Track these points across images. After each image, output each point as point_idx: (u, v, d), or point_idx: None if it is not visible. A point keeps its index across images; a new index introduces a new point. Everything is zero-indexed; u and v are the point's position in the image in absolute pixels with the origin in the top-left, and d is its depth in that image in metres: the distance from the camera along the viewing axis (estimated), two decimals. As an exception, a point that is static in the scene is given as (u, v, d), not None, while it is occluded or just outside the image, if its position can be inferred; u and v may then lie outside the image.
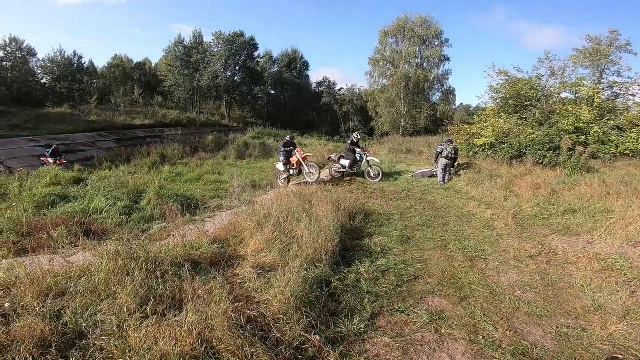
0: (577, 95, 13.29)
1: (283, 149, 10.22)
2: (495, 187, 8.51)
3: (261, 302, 3.50)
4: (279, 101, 39.18)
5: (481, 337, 3.23)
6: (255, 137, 23.80)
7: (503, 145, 11.31)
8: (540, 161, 10.05)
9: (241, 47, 33.39)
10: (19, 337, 2.71)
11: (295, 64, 41.67)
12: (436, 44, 31.03)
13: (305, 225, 5.06)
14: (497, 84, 14.19)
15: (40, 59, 30.85)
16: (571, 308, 3.77)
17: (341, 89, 42.07)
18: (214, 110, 35.43)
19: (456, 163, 10.48)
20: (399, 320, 3.49)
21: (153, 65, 41.81)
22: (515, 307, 3.76)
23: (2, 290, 3.43)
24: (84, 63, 32.70)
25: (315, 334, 3.08)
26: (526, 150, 10.62)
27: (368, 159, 10.88)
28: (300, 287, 3.57)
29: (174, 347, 2.61)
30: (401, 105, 31.10)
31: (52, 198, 8.66)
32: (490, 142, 11.70)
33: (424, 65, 31.51)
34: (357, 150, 10.93)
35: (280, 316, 3.22)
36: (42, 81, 30.77)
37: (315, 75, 60.25)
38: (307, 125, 37.84)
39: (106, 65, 36.62)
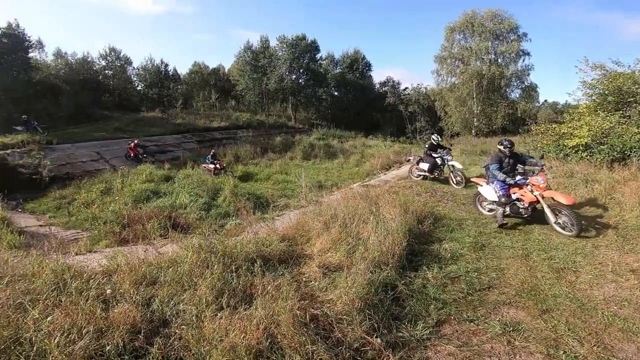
0: None
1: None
2: (591, 193, 7.43)
3: (325, 301, 3.55)
4: (342, 102, 39.36)
5: (562, 352, 2.94)
6: (320, 138, 24.28)
7: (602, 147, 9.80)
8: None
9: (304, 50, 34.25)
10: (115, 322, 2.91)
11: (357, 64, 41.48)
12: (512, 38, 28.49)
13: (371, 227, 5.00)
14: (592, 80, 12.47)
15: (135, 67, 34.70)
16: None
17: (406, 88, 40.72)
18: (280, 112, 37.05)
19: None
20: (467, 329, 3.31)
21: (226, 70, 45.03)
22: (608, 322, 3.35)
23: (105, 277, 3.82)
24: (170, 70, 36.11)
25: (376, 337, 3.05)
26: (631, 152, 9.07)
27: (450, 163, 9.90)
28: (365, 289, 3.55)
29: (242, 340, 2.74)
30: (473, 104, 28.97)
31: (147, 193, 9.96)
32: (585, 143, 10.23)
33: (499, 61, 29.03)
34: (435, 154, 10.15)
35: (343, 317, 3.24)
36: (137, 88, 34.73)
37: (378, 76, 59.17)
38: (372, 126, 37.34)
39: (187, 72, 40.65)
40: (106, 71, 32.94)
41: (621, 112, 11.14)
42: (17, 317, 2.83)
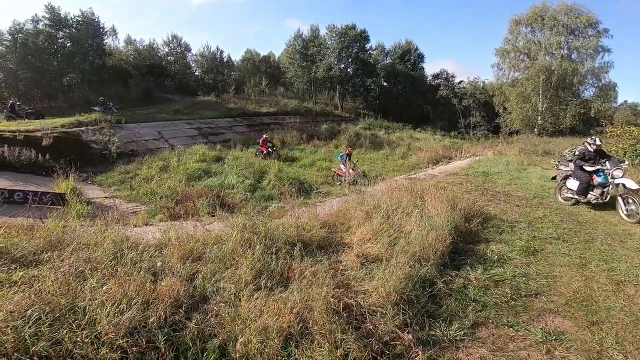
0: None
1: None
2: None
3: (360, 291, 3.53)
4: (391, 93, 38.23)
5: (604, 365, 2.71)
6: (366, 128, 23.95)
7: (695, 153, 8.49)
8: None
9: (353, 40, 33.74)
10: (161, 295, 3.04)
11: (409, 56, 39.99)
12: (590, 33, 25.64)
13: (415, 221, 4.85)
14: None
15: (193, 54, 37.03)
16: None
17: (461, 81, 38.28)
18: (327, 101, 36.99)
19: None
20: (505, 334, 3.16)
21: (276, 58, 45.94)
22: None
23: (157, 249, 4.04)
24: (224, 57, 38.21)
25: (407, 333, 3.00)
26: None
27: (620, 181, 6.73)
28: (402, 283, 3.49)
29: (275, 322, 2.79)
30: (538, 101, 26.52)
31: (199, 172, 10.60)
32: (672, 148, 8.94)
33: (572, 56, 26.25)
34: (588, 167, 7.08)
35: (377, 309, 3.21)
36: (195, 73, 36.98)
37: (431, 68, 56.21)
38: (421, 119, 35.89)
39: (240, 59, 42.17)
40: (168, 57, 35.51)
41: None
42: (77, 285, 3.01)
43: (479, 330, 3.20)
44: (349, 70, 35.39)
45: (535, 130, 26.24)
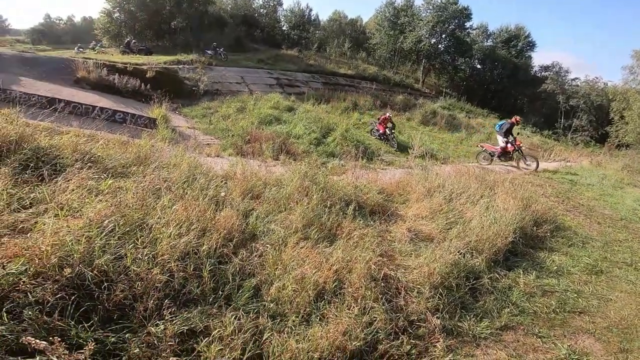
0: None
1: None
2: None
3: (402, 266, 3.52)
4: (484, 77, 34.67)
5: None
6: (445, 107, 22.32)
7: None
8: None
9: (452, 15, 30.46)
10: (217, 225, 3.09)
11: (516, 41, 35.36)
12: None
13: (479, 210, 4.57)
14: None
15: (284, 9, 37.45)
16: None
17: (575, 78, 32.86)
18: (409, 73, 34.85)
19: None
20: (530, 343, 3.04)
21: (363, 22, 44.23)
22: None
23: (223, 180, 4.29)
24: (312, 15, 38.07)
25: (437, 318, 2.97)
26: None
27: None
28: (448, 269, 3.42)
29: (313, 274, 2.85)
30: (668, 115, 21.85)
31: (271, 118, 11.08)
32: None
33: None
34: None
35: (415, 286, 3.20)
36: (282, 27, 37.56)
37: (540, 58, 48.75)
38: (512, 110, 32.14)
39: (327, 19, 41.44)
40: (261, 10, 36.39)
41: None
42: (151, 201, 3.14)
43: (506, 334, 3.11)
44: (440, 46, 32.50)
45: (651, 148, 21.98)
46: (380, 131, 13.01)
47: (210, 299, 2.50)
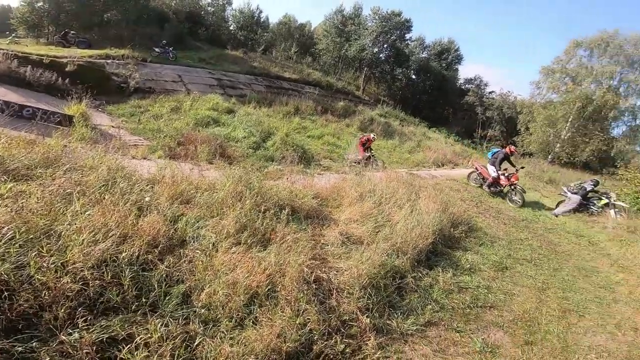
0: None
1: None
2: (643, 254, 6.60)
3: (334, 268, 3.65)
4: (417, 87, 37.31)
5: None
6: (382, 115, 23.63)
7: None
8: None
9: (395, 27, 32.59)
10: (140, 231, 2.98)
11: (447, 54, 38.60)
12: None
13: (404, 213, 4.94)
14: None
15: (233, 9, 36.38)
16: None
17: (492, 92, 37.24)
18: (351, 80, 36.19)
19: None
20: (450, 337, 3.37)
21: (312, 28, 45.03)
22: None
23: (149, 184, 4.01)
24: (262, 17, 37.45)
25: (366, 317, 3.14)
26: None
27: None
28: (376, 270, 3.61)
29: (245, 279, 2.86)
30: (564, 128, 25.73)
31: (208, 120, 10.65)
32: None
33: (620, 90, 25.08)
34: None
35: (345, 287, 3.34)
36: (230, 27, 36.28)
37: (464, 71, 54.26)
38: (439, 120, 35.25)
39: (276, 22, 41.29)
40: (208, 8, 34.81)
41: None
42: (60, 207, 2.90)
43: (429, 329, 3.39)
44: (381, 55, 34.38)
45: (549, 157, 25.76)
46: (360, 157, 10.74)
47: (133, 307, 2.41)
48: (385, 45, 33.76)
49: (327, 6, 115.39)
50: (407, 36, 35.02)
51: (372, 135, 11.52)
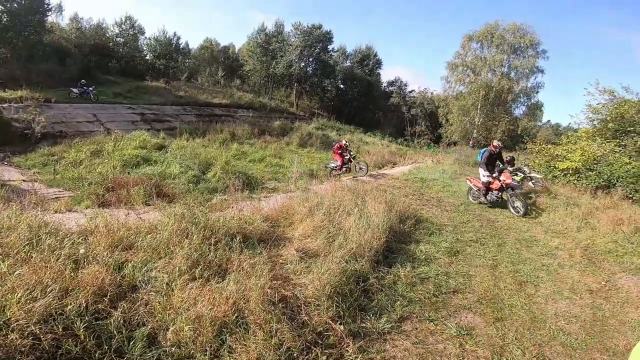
0: None
1: None
2: (569, 216, 7.60)
3: (297, 284, 3.63)
4: (346, 96, 39.13)
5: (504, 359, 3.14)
6: (318, 128, 24.30)
7: (590, 173, 9.97)
8: (631, 195, 8.70)
9: (317, 39, 33.98)
10: (83, 283, 2.89)
11: (367, 60, 40.98)
12: (530, 53, 28.07)
13: (354, 219, 5.09)
14: (598, 104, 12.36)
15: (147, 37, 34.48)
16: (612, 345, 3.51)
17: (412, 91, 40.57)
18: (284, 98, 36.82)
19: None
20: (426, 328, 3.48)
21: (236, 49, 44.76)
22: (553, 336, 3.56)
23: (82, 237, 3.76)
24: (181, 44, 35.98)
25: (340, 324, 3.15)
26: (617, 181, 9.25)
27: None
28: (337, 278, 3.65)
29: (209, 311, 2.79)
30: (476, 115, 28.96)
31: (137, 159, 9.93)
32: (575, 167, 10.38)
33: (511, 75, 28.77)
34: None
35: (312, 300, 3.34)
36: (146, 57, 34.37)
37: (386, 74, 58.38)
38: (372, 124, 37.34)
39: (197, 47, 40.27)
40: (118, 39, 32.82)
41: (618, 140, 11.19)
42: None
43: (404, 324, 3.47)
44: (308, 69, 35.49)
45: (470, 142, 28.67)
46: (339, 162, 11.29)
47: (97, 355, 2.40)
48: (310, 59, 34.96)
49: (249, 26, 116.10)
50: (330, 47, 36.71)
51: (343, 142, 11.77)
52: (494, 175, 8.27)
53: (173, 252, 3.64)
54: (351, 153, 11.65)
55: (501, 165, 8.79)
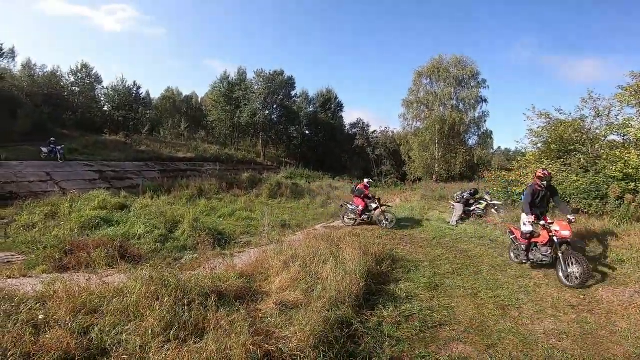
0: (625, 138, 12.38)
1: None
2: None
3: (280, 338, 3.54)
4: (312, 142, 39.72)
5: (505, 387, 3.08)
6: (287, 177, 24.48)
7: (544, 193, 10.71)
8: (586, 210, 9.41)
9: (280, 86, 34.67)
10: (46, 347, 2.84)
11: (329, 104, 42.02)
12: (472, 84, 30.23)
13: (331, 267, 5.08)
14: (538, 127, 13.44)
15: (104, 87, 33.13)
16: (611, 355, 3.57)
17: (374, 131, 42.18)
18: (250, 148, 37.00)
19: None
20: None
21: (199, 99, 44.80)
22: (548, 355, 3.59)
23: (39, 302, 3.65)
24: (141, 93, 34.90)
25: None
26: (570, 198, 10.02)
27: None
28: (321, 327, 3.59)
29: None
30: (435, 150, 30.29)
31: (97, 221, 9.35)
32: (531, 190, 11.13)
33: (460, 107, 30.61)
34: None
35: (298, 353, 3.25)
36: (103, 108, 32.82)
37: (348, 116, 61.11)
38: (340, 168, 38.13)
39: (159, 97, 39.82)
40: (73, 88, 31.51)
41: (562, 160, 12.18)
42: None
43: None
44: (273, 117, 35.91)
45: (434, 177, 30.00)
46: (360, 207, 10.07)
47: None
48: (275, 106, 35.58)
49: (207, 74, 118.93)
50: (293, 93, 37.73)
51: (366, 181, 10.62)
52: (541, 222, 5.93)
53: (143, 315, 3.51)
54: (379, 200, 10.36)
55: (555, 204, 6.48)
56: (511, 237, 6.98)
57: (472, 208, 11.23)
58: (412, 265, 6.59)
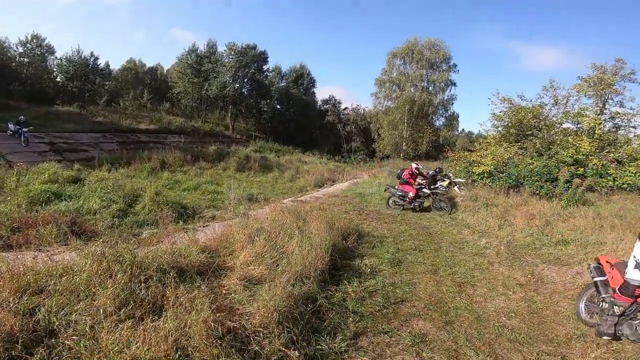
0: (578, 126, 13.24)
1: None
2: (490, 215, 8.53)
3: (244, 314, 3.50)
4: (283, 116, 39.34)
5: (461, 362, 3.24)
6: (257, 150, 23.98)
7: (501, 175, 11.36)
8: (537, 192, 10.06)
9: (252, 60, 33.82)
10: None
11: (302, 80, 41.75)
12: (443, 68, 31.47)
13: (296, 241, 5.05)
14: (500, 112, 14.11)
15: (58, 57, 30.86)
16: (554, 335, 3.82)
17: (346, 108, 42.43)
18: (218, 121, 35.71)
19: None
20: (382, 341, 3.51)
21: (165, 71, 42.48)
22: (499, 333, 3.80)
23: None
24: (99, 64, 32.80)
25: (294, 350, 3.07)
26: (524, 180, 10.66)
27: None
28: (285, 302, 3.57)
29: (146, 352, 2.62)
30: (404, 129, 31.34)
31: (47, 195, 8.68)
32: (489, 171, 11.76)
33: (430, 89, 31.86)
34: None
35: (261, 329, 3.22)
36: (56, 79, 30.75)
37: (320, 93, 60.41)
38: (310, 143, 38.00)
39: (120, 69, 37.28)
40: (22, 58, 28.95)
41: (520, 143, 12.89)
42: None
43: (360, 340, 3.47)
44: (243, 90, 35.05)
45: (401, 155, 30.87)
46: (410, 194, 9.47)
47: None
48: (245, 80, 34.58)
49: (174, 45, 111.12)
50: (265, 67, 36.73)
51: (414, 167, 10.09)
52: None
53: (95, 293, 3.35)
54: (442, 181, 10.76)
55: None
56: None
57: (437, 185, 11.64)
58: (377, 240, 6.72)
